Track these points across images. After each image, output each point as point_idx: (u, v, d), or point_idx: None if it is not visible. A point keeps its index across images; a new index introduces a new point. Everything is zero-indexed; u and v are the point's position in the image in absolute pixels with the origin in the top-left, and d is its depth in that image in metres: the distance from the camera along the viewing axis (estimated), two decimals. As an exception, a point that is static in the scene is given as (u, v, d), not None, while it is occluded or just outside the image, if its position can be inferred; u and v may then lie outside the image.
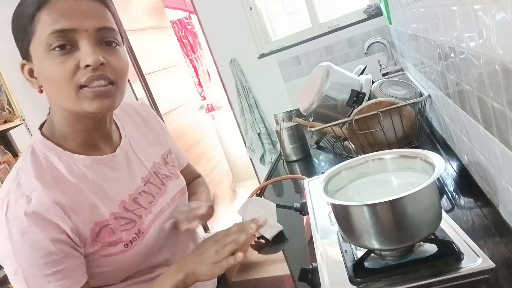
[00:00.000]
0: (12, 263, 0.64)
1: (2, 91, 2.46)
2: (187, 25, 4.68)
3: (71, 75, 0.65)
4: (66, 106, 0.69)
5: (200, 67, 4.81)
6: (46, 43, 0.65)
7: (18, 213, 0.64)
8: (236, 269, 1.06)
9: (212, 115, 4.55)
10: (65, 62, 0.65)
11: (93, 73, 0.65)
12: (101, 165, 0.76)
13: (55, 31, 0.64)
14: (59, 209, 0.67)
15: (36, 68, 0.68)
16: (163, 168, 0.88)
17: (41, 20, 0.65)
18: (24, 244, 0.63)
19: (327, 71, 1.46)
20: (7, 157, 2.40)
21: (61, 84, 0.65)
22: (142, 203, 0.80)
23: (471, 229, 0.84)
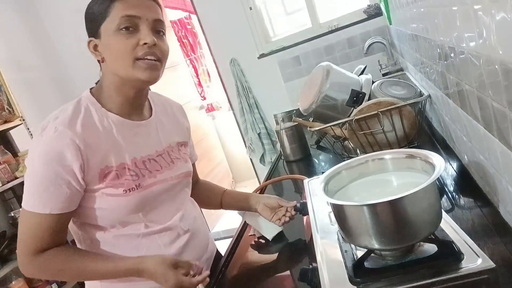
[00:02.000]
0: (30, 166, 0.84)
1: (2, 91, 2.46)
2: (187, 25, 4.68)
3: (132, 48, 0.86)
4: (122, 73, 0.88)
5: (200, 67, 4.81)
6: (117, 24, 0.85)
7: (47, 137, 0.83)
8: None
9: (212, 115, 4.55)
10: (129, 39, 0.86)
11: (148, 49, 0.86)
12: (126, 127, 0.93)
13: (126, 15, 0.85)
14: (77, 148, 0.84)
15: (102, 43, 0.88)
16: (176, 152, 1.04)
17: (115, 7, 0.85)
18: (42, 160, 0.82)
19: (327, 71, 1.46)
20: (7, 157, 2.40)
21: (124, 55, 0.86)
22: (149, 168, 0.95)
23: (471, 229, 0.84)
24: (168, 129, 1.04)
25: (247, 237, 1.23)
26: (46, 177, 0.83)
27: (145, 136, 0.97)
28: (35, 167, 0.83)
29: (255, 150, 3.05)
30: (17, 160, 2.45)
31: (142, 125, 0.97)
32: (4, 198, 2.42)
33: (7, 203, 2.43)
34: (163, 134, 1.02)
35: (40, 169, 0.82)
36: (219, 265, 1.11)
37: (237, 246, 1.20)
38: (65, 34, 3.09)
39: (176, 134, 1.06)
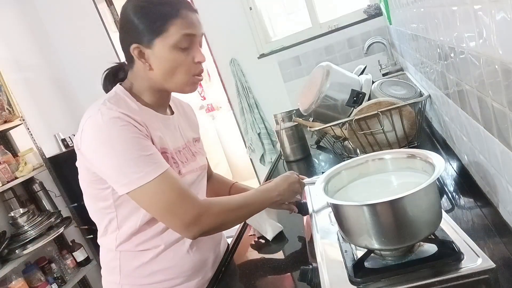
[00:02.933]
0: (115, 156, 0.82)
1: (2, 91, 2.46)
2: (187, 25, 4.68)
3: (190, 67, 0.91)
4: (170, 86, 0.93)
5: (200, 67, 4.81)
6: (175, 41, 0.88)
7: (111, 117, 0.83)
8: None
9: (212, 115, 4.55)
10: (187, 57, 0.90)
11: (200, 68, 0.93)
12: (160, 120, 0.97)
13: (185, 34, 0.88)
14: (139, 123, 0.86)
15: (155, 55, 0.90)
16: (193, 147, 1.08)
17: (175, 24, 0.87)
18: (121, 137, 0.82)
19: (327, 71, 1.46)
20: (7, 157, 2.40)
21: (182, 71, 0.91)
22: (180, 159, 0.99)
23: (471, 229, 0.84)
24: (184, 126, 1.09)
25: (247, 237, 1.23)
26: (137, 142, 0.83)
27: (173, 130, 1.01)
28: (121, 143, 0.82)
29: (255, 150, 3.06)
30: (17, 160, 2.45)
31: (170, 119, 1.01)
32: (4, 198, 2.42)
33: (7, 203, 2.43)
34: (182, 130, 1.06)
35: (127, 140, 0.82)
36: (219, 265, 1.11)
37: (237, 246, 1.20)
38: (65, 34, 3.09)
39: (191, 131, 1.11)
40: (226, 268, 1.09)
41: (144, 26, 0.88)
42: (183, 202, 0.85)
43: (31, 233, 2.29)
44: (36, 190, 2.58)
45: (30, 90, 2.85)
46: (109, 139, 0.82)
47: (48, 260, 2.50)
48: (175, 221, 0.86)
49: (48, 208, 2.59)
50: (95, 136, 0.84)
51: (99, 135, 0.83)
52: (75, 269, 2.62)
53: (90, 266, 2.69)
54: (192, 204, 0.86)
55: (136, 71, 0.95)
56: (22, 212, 2.34)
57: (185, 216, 0.85)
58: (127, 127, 0.83)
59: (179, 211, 0.85)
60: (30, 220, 2.34)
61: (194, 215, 0.85)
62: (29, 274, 2.34)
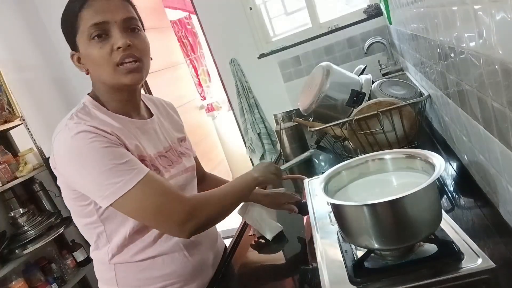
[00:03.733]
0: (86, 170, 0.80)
1: (2, 91, 2.46)
2: (187, 25, 4.68)
3: (108, 55, 0.84)
4: (107, 81, 0.88)
5: (200, 67, 4.81)
6: (87, 34, 0.84)
7: (79, 131, 0.80)
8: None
9: (212, 115, 4.55)
10: (103, 47, 0.84)
11: (123, 53, 0.85)
12: (134, 125, 0.93)
13: (93, 24, 0.83)
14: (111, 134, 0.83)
15: (82, 55, 0.88)
16: (179, 147, 1.06)
17: (83, 18, 0.84)
18: (92, 150, 0.79)
19: (327, 71, 1.46)
20: (7, 157, 2.40)
21: (102, 63, 0.85)
22: (162, 163, 0.96)
23: (471, 229, 0.84)
24: (167, 127, 1.06)
25: (247, 237, 1.23)
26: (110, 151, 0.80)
27: (152, 134, 0.98)
28: (93, 157, 0.79)
29: (255, 150, 3.05)
30: (17, 160, 2.45)
31: (148, 123, 0.98)
32: (4, 198, 2.42)
33: (7, 203, 2.43)
34: (165, 131, 1.03)
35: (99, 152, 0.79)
36: (219, 265, 1.10)
37: (237, 246, 1.20)
38: (65, 34, 3.09)
39: (175, 131, 1.08)
40: (226, 268, 1.09)
41: (66, 30, 0.88)
42: (171, 202, 0.82)
43: (31, 233, 2.29)
44: (36, 190, 2.57)
45: (30, 90, 2.84)
46: (81, 154, 0.80)
47: (48, 260, 2.50)
48: (167, 223, 0.83)
49: (48, 208, 2.59)
50: (66, 154, 0.82)
51: (70, 151, 0.81)
52: (75, 269, 2.62)
53: (90, 266, 2.69)
54: (181, 202, 0.83)
55: (92, 81, 0.93)
56: (22, 212, 2.34)
57: (176, 216, 0.82)
58: (96, 139, 0.80)
59: (169, 212, 0.82)
60: (30, 220, 2.34)
61: (186, 212, 0.83)
62: (29, 274, 2.34)
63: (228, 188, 0.95)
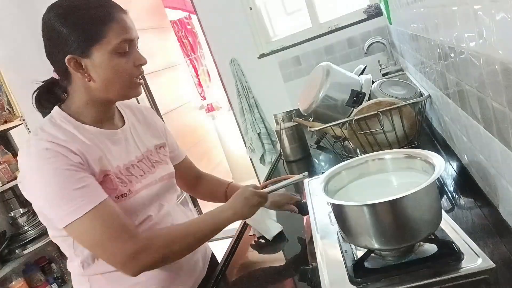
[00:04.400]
0: (43, 190, 0.79)
1: (2, 91, 2.46)
2: (187, 25, 4.68)
3: (131, 71, 0.88)
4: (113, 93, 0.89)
5: (200, 67, 4.81)
6: (114, 47, 0.84)
7: (39, 149, 0.80)
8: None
9: (212, 115, 4.55)
10: (127, 62, 0.87)
11: (141, 70, 0.91)
12: (104, 136, 0.92)
13: (124, 40, 0.85)
14: (72, 153, 0.82)
15: (93, 63, 0.85)
16: (155, 155, 1.03)
17: (112, 29, 0.84)
18: (50, 170, 0.78)
19: (327, 71, 1.46)
20: (7, 157, 2.40)
21: (123, 77, 0.87)
22: (134, 173, 0.94)
23: (471, 229, 0.84)
24: (143, 134, 1.03)
25: (247, 237, 1.23)
26: (70, 175, 0.78)
27: (123, 144, 0.96)
28: (49, 177, 0.78)
29: (255, 150, 3.05)
30: (17, 160, 2.45)
31: (118, 133, 0.95)
32: (4, 198, 2.42)
33: (7, 203, 2.43)
34: (139, 139, 1.01)
35: (56, 172, 0.78)
36: (219, 266, 1.11)
37: (237, 246, 1.20)
38: (65, 34, 3.09)
39: (152, 137, 1.05)
40: (226, 268, 1.09)
41: (77, 34, 0.83)
42: (116, 239, 0.79)
43: (31, 233, 2.29)
44: (36, 190, 2.57)
45: (30, 90, 2.84)
46: (39, 174, 0.79)
47: (48, 260, 2.50)
48: (110, 259, 0.80)
49: (48, 208, 2.59)
50: (27, 172, 0.81)
51: (30, 170, 0.80)
52: (75, 269, 2.62)
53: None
54: (127, 241, 0.79)
55: (74, 86, 0.89)
56: (22, 212, 2.34)
57: (118, 254, 0.79)
58: (56, 159, 0.78)
59: (111, 249, 0.79)
60: (30, 220, 2.34)
61: (130, 253, 0.79)
62: (29, 274, 2.34)
63: (189, 229, 0.90)
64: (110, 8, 0.85)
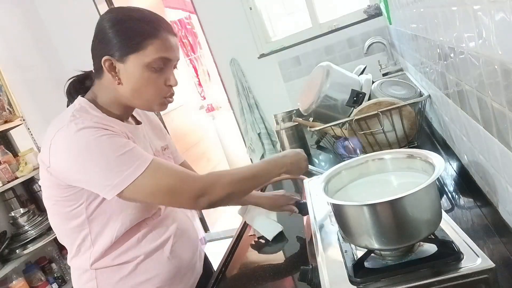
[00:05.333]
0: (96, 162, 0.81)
1: (2, 91, 2.46)
2: (187, 25, 4.68)
3: (161, 89, 0.91)
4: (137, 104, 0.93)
5: (200, 67, 4.82)
6: (150, 61, 0.87)
7: (85, 125, 0.82)
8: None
9: (212, 115, 4.55)
10: (158, 79, 0.89)
11: (172, 91, 0.93)
12: (127, 129, 0.94)
13: (163, 58, 0.88)
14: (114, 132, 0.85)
15: (126, 70, 0.88)
16: (161, 156, 1.05)
17: (153, 45, 0.87)
18: (99, 142, 0.81)
19: (327, 71, 1.46)
20: (7, 157, 2.40)
21: (151, 93, 0.90)
22: None
23: (470, 229, 0.84)
24: (151, 135, 1.06)
25: (247, 237, 1.23)
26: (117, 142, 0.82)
27: (143, 140, 0.99)
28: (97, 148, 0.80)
29: (255, 150, 3.05)
30: (18, 160, 2.45)
31: (138, 129, 0.99)
32: (4, 198, 2.42)
33: (7, 203, 2.43)
34: (150, 140, 1.04)
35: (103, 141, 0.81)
36: (219, 266, 1.11)
37: (237, 246, 1.20)
38: (65, 34, 3.09)
39: (158, 139, 1.08)
40: (226, 268, 1.09)
41: (120, 40, 0.87)
42: (182, 181, 0.85)
43: (32, 233, 2.30)
44: (37, 190, 2.58)
45: (30, 90, 2.85)
46: (87, 148, 0.81)
47: (48, 260, 2.50)
48: (182, 199, 0.85)
49: (48, 208, 2.59)
50: (70, 149, 0.82)
51: (75, 146, 0.81)
52: (75, 269, 2.62)
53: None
54: (194, 180, 0.86)
55: (103, 82, 0.92)
56: (22, 212, 2.34)
57: (188, 194, 0.85)
58: (101, 132, 0.82)
59: (181, 191, 0.85)
60: (31, 220, 2.34)
61: (200, 188, 0.85)
62: (30, 274, 2.34)
63: (249, 171, 0.95)
64: (159, 26, 0.88)
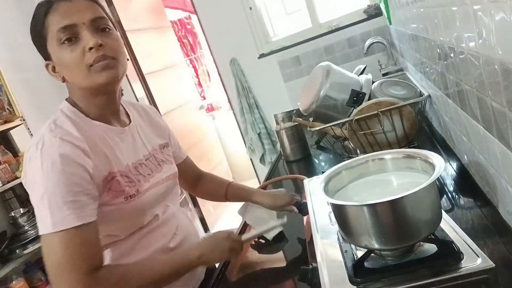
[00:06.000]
0: (40, 190, 0.77)
1: (2, 91, 2.46)
2: (187, 25, 4.68)
3: (81, 58, 0.82)
4: (82, 84, 0.85)
5: (200, 67, 4.81)
6: (56, 39, 0.82)
7: (51, 150, 0.78)
8: (236, 269, 1.06)
9: (212, 115, 4.55)
10: (74, 50, 0.82)
11: (96, 54, 0.82)
12: (113, 132, 0.91)
13: (60, 28, 0.81)
14: (84, 155, 0.81)
15: (55, 62, 0.85)
16: (159, 154, 1.03)
17: (49, 24, 0.82)
18: (53, 174, 0.77)
19: (327, 71, 1.46)
20: (7, 157, 2.40)
21: (74, 67, 0.83)
22: (142, 172, 0.94)
23: (470, 229, 0.84)
24: (148, 133, 1.03)
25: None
26: (68, 184, 0.76)
27: (131, 142, 0.95)
28: (50, 181, 0.76)
29: (255, 150, 3.05)
30: (18, 160, 2.45)
31: (126, 131, 0.95)
32: (4, 198, 2.42)
33: (7, 203, 2.43)
34: (145, 138, 1.01)
35: (58, 179, 0.76)
36: (219, 265, 1.11)
37: (237, 246, 1.20)
38: (65, 34, 3.09)
39: (156, 137, 1.05)
40: (226, 268, 1.09)
41: (36, 40, 0.85)
42: (73, 270, 0.74)
43: (32, 233, 2.29)
44: (36, 190, 2.57)
45: (30, 90, 2.84)
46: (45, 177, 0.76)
47: (48, 260, 2.50)
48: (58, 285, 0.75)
49: (48, 208, 2.59)
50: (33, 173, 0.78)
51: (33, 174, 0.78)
52: (75, 269, 2.62)
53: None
54: (82, 275, 0.74)
55: (68, 90, 0.91)
56: (22, 212, 2.34)
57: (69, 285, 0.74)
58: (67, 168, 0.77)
59: (64, 278, 0.74)
60: (31, 220, 2.34)
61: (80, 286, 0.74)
62: (30, 274, 2.34)
63: (147, 268, 0.84)
64: (50, 2, 0.83)
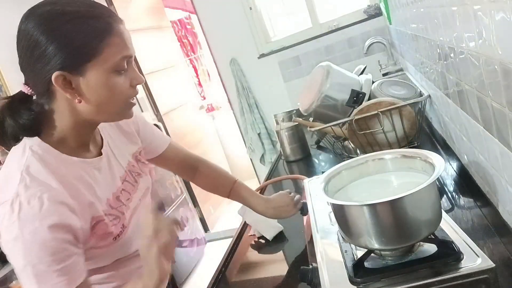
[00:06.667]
0: (21, 260, 0.68)
1: (2, 91, 2.46)
2: (187, 25, 4.68)
3: (128, 90, 0.77)
4: (104, 114, 0.79)
5: (200, 67, 4.81)
6: (113, 65, 0.73)
7: (31, 215, 0.68)
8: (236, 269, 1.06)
9: (212, 115, 4.55)
10: (124, 81, 0.76)
11: (135, 92, 0.80)
12: (91, 166, 0.82)
13: (125, 56, 0.75)
14: (68, 210, 0.72)
15: (87, 83, 0.73)
16: (135, 166, 0.95)
17: (111, 45, 0.72)
18: (36, 245, 0.68)
19: (327, 71, 1.46)
20: (7, 157, 2.40)
21: (118, 97, 0.77)
22: (123, 201, 0.87)
23: (470, 229, 0.84)
24: (119, 145, 0.93)
25: (247, 237, 1.23)
26: (54, 253, 0.68)
27: (108, 168, 0.86)
28: (34, 253, 0.67)
29: (255, 150, 3.05)
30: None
31: (101, 160, 0.85)
32: (4, 198, 2.42)
33: (7, 203, 2.43)
34: (118, 153, 0.91)
35: (41, 250, 0.68)
36: (219, 265, 1.11)
37: (237, 246, 1.20)
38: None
39: (129, 144, 0.96)
40: (226, 268, 1.09)
41: (68, 48, 0.70)
42: None
43: (31, 233, 2.29)
44: (36, 190, 2.57)
45: (30, 90, 2.85)
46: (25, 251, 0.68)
47: (48, 260, 2.50)
48: None
49: (48, 208, 2.59)
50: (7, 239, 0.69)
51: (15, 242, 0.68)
52: (75, 269, 2.62)
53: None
54: None
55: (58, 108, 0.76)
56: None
57: None
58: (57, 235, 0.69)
59: None
60: (30, 220, 2.34)
61: None
62: (29, 274, 2.34)
63: None
64: (109, 18, 0.73)
